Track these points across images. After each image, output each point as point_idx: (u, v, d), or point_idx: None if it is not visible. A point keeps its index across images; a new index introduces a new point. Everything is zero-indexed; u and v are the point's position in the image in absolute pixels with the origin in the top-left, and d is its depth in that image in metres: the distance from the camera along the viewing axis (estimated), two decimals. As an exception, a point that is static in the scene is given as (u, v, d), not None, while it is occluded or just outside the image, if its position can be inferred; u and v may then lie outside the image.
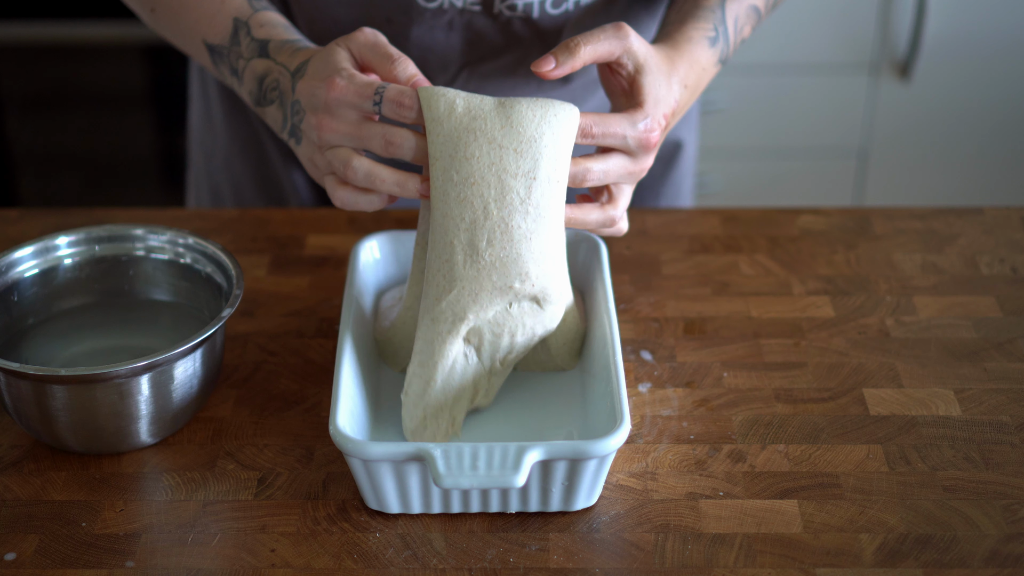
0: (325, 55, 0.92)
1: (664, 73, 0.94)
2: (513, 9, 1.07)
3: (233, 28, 1.00)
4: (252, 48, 0.99)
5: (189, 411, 0.93)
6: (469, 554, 0.84)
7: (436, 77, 1.12)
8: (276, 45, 0.98)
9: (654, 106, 0.92)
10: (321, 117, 0.90)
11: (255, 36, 0.99)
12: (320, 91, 0.90)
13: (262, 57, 0.98)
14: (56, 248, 0.99)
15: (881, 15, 2.19)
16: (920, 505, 0.87)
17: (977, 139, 2.31)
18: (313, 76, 0.91)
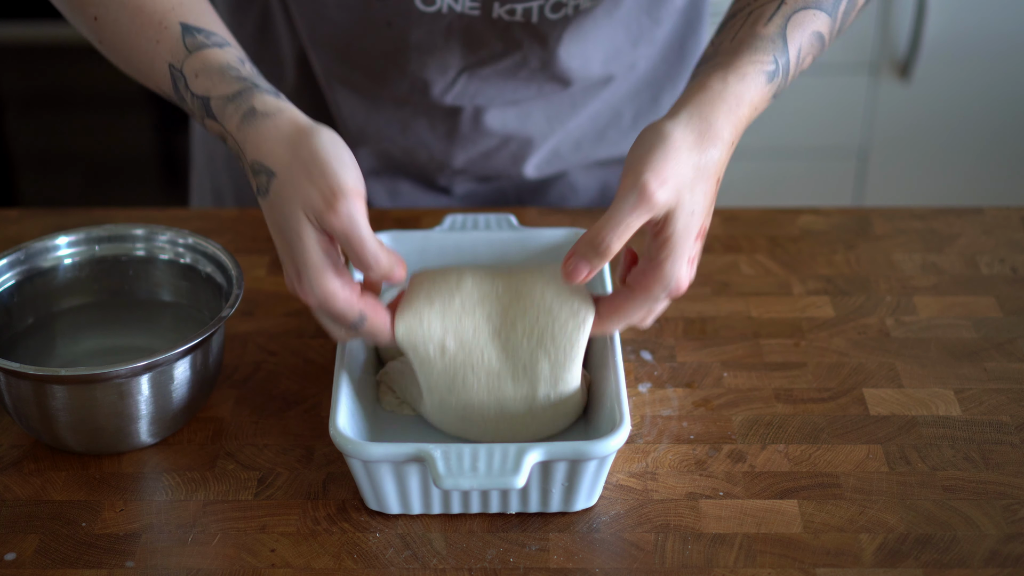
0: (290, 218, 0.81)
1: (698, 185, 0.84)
2: (512, 14, 1.06)
3: (171, 80, 0.89)
4: (198, 106, 0.88)
5: (189, 411, 0.93)
6: (469, 554, 0.84)
7: (435, 80, 1.12)
8: (217, 104, 0.86)
9: (679, 257, 0.84)
10: (296, 289, 0.84)
11: (194, 92, 0.87)
12: (289, 277, 0.84)
13: (211, 118, 0.87)
14: (56, 248, 0.99)
15: (881, 15, 2.19)
16: (920, 505, 0.87)
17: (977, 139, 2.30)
18: (279, 236, 0.83)
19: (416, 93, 1.14)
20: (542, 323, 0.87)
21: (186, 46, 0.88)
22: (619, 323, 0.87)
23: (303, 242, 0.82)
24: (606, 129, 1.22)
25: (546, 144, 1.20)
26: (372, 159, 1.21)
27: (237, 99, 0.85)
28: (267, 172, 0.83)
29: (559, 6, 1.06)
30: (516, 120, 1.17)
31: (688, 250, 0.84)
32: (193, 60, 0.87)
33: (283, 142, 0.83)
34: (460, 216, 1.05)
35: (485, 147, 1.19)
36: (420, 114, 1.16)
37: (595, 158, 1.24)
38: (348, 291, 0.83)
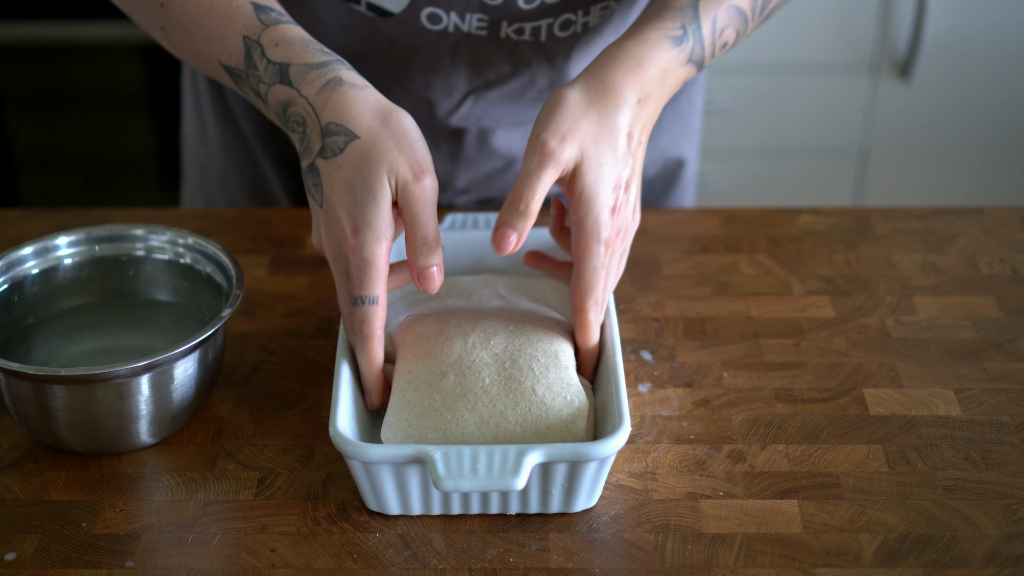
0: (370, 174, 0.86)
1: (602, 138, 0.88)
2: (521, 33, 1.06)
3: (245, 49, 0.92)
4: (271, 72, 0.91)
5: (189, 411, 0.93)
6: (469, 554, 0.84)
7: (440, 101, 1.12)
8: (298, 71, 0.90)
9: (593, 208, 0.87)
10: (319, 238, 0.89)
11: (272, 59, 0.90)
12: (334, 230, 0.87)
13: (283, 84, 0.90)
14: (56, 248, 0.99)
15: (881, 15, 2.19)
16: (920, 505, 0.87)
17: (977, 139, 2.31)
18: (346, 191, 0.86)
19: (420, 112, 1.13)
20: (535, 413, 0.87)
21: (261, 21, 0.92)
22: (581, 296, 0.89)
23: (377, 201, 0.86)
24: None
25: None
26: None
27: (322, 68, 0.89)
28: (347, 134, 0.87)
29: (568, 24, 1.06)
30: (521, 141, 1.17)
31: (606, 200, 0.87)
32: (272, 32, 0.91)
33: (371, 112, 0.88)
34: (460, 215, 1.05)
35: (489, 168, 1.19)
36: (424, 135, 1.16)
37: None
38: (387, 268, 0.87)
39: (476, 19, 1.04)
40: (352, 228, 0.86)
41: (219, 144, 1.27)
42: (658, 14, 0.93)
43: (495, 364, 0.88)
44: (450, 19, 1.04)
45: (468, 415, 0.86)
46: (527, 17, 1.04)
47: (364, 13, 1.05)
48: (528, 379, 0.87)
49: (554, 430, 0.86)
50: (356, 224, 0.86)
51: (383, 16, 1.05)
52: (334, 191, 0.87)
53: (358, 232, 0.86)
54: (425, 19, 1.04)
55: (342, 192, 0.87)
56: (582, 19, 1.06)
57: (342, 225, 0.87)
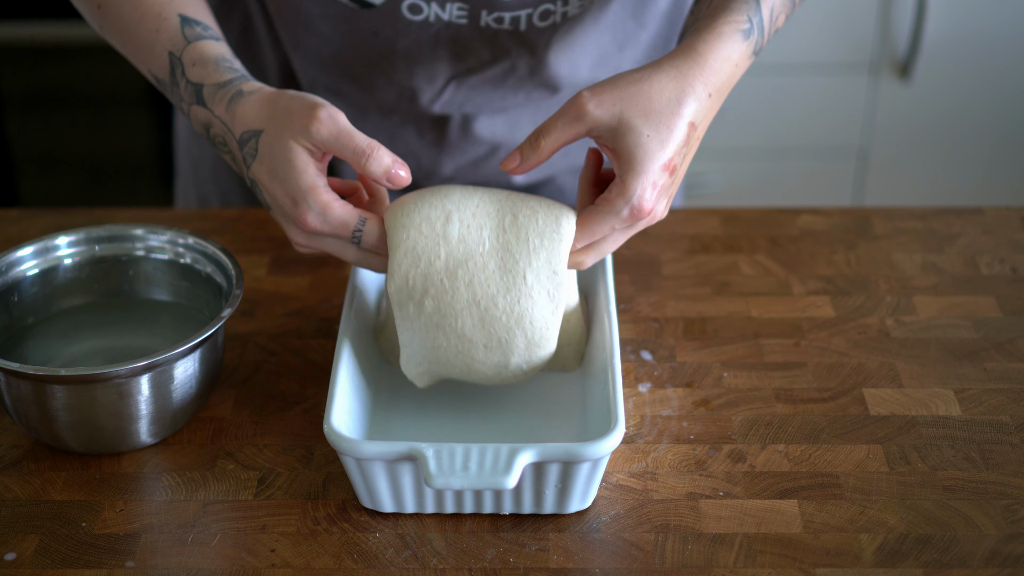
0: (280, 152, 0.88)
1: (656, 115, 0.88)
2: (500, 22, 1.06)
3: (170, 65, 0.94)
4: (190, 92, 0.93)
5: (189, 411, 0.93)
6: (469, 554, 0.84)
7: (423, 88, 1.12)
8: (209, 92, 0.92)
9: (639, 174, 0.87)
10: (294, 234, 0.90)
11: (189, 78, 0.93)
12: (289, 215, 0.89)
13: (200, 104, 0.93)
14: (56, 248, 0.99)
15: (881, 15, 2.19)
16: (920, 505, 0.87)
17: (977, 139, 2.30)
18: (272, 178, 0.89)
19: (404, 102, 1.13)
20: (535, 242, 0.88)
21: (185, 36, 0.94)
22: (584, 237, 0.89)
23: (295, 166, 0.87)
24: None
25: None
26: None
27: (227, 86, 0.92)
28: (254, 133, 0.89)
29: (547, 14, 1.06)
30: (505, 128, 1.17)
31: (651, 173, 0.87)
32: (191, 49, 0.94)
33: (264, 103, 0.90)
34: None
35: (474, 155, 1.19)
36: (408, 123, 1.16)
37: (582, 163, 1.24)
38: (343, 201, 0.89)
39: (456, 8, 1.05)
40: (292, 201, 0.88)
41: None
42: (726, 6, 0.93)
43: (497, 215, 0.89)
44: (431, 9, 1.05)
45: (464, 290, 0.87)
46: (507, 7, 1.05)
47: (347, 5, 1.05)
48: (522, 260, 0.88)
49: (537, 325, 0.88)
50: (293, 195, 0.88)
51: (365, 8, 1.05)
52: (270, 187, 0.89)
53: (298, 201, 0.88)
54: (406, 10, 1.05)
55: (271, 181, 0.89)
56: (561, 9, 1.06)
57: (288, 206, 0.89)
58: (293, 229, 0.90)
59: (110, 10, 0.97)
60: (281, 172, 0.88)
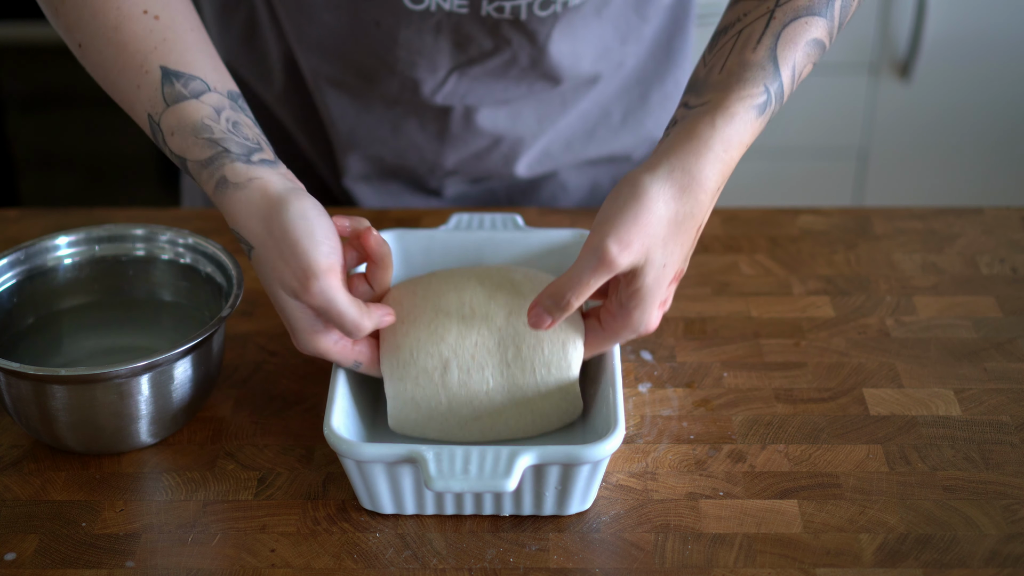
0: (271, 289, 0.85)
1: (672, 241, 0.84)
2: (501, 11, 1.06)
3: (151, 127, 0.89)
4: (177, 162, 0.89)
5: (189, 411, 0.93)
6: (469, 554, 0.84)
7: (425, 79, 1.12)
8: (194, 167, 0.87)
9: (649, 306, 0.85)
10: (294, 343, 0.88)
11: (171, 149, 0.88)
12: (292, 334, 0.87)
13: (190, 176, 0.89)
14: (56, 248, 0.99)
15: (881, 15, 2.19)
16: (920, 505, 0.87)
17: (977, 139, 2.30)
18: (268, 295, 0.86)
19: (406, 93, 1.13)
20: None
21: (164, 97, 0.88)
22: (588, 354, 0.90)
23: (286, 312, 0.86)
24: (596, 128, 1.22)
25: (537, 144, 1.20)
26: (362, 163, 1.21)
27: (210, 166, 0.86)
28: (245, 243, 0.86)
29: (548, 3, 1.06)
30: (507, 120, 1.17)
31: (659, 298, 0.85)
32: (169, 115, 0.87)
33: (255, 216, 0.84)
34: (466, 215, 1.04)
35: (476, 147, 1.19)
36: (411, 114, 1.16)
37: (585, 157, 1.24)
38: (340, 344, 0.87)
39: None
40: (290, 331, 0.87)
41: None
42: (740, 76, 0.86)
43: (498, 351, 0.88)
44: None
45: (473, 424, 0.88)
46: None
47: None
48: (531, 390, 0.88)
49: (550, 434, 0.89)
50: (290, 327, 0.87)
51: None
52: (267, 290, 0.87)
53: (294, 336, 0.87)
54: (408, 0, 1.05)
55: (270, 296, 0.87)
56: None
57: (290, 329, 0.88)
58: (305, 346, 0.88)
59: (91, 52, 0.91)
60: (275, 304, 0.86)
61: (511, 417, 0.88)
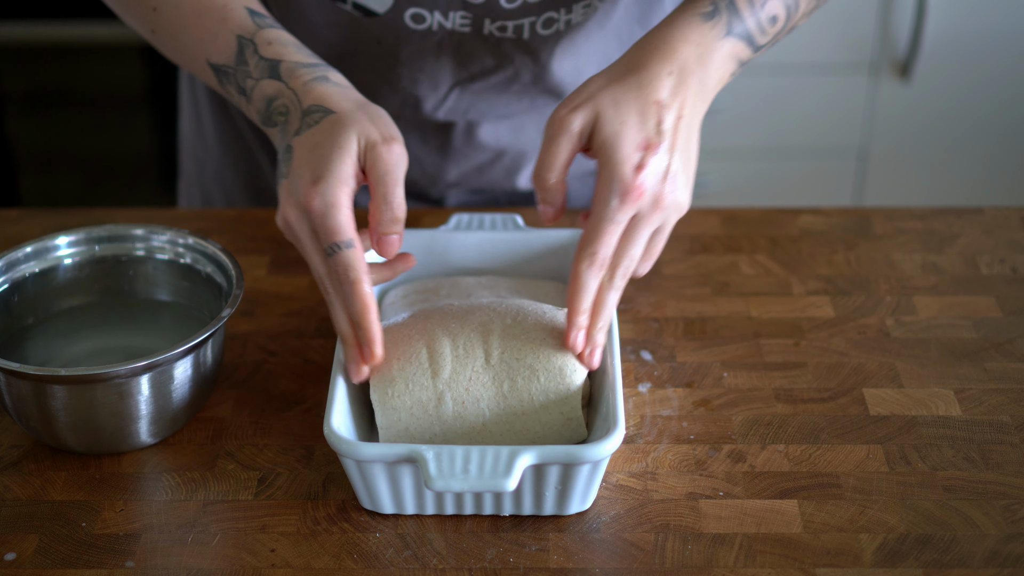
0: (339, 135, 0.86)
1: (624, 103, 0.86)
2: (503, 31, 1.06)
3: (238, 47, 0.94)
4: (262, 68, 0.92)
5: (189, 411, 0.93)
6: (469, 554, 0.84)
7: (427, 96, 1.12)
8: (288, 68, 0.91)
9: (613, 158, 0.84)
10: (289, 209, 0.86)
11: (263, 55, 0.93)
12: (299, 188, 0.85)
13: (273, 78, 0.91)
14: (56, 248, 0.99)
15: (881, 15, 2.19)
16: (920, 505, 0.87)
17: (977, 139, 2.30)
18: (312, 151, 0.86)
19: (408, 109, 1.13)
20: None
21: (255, 23, 0.94)
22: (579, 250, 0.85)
23: (341, 152, 0.85)
24: None
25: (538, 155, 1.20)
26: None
27: (312, 67, 0.91)
28: (324, 111, 0.88)
29: (551, 22, 1.06)
30: (509, 134, 1.17)
31: (627, 154, 0.84)
32: (266, 32, 0.94)
33: (352, 99, 0.89)
34: (466, 216, 1.04)
35: (478, 161, 1.19)
36: (412, 129, 1.16)
37: (587, 168, 1.24)
38: (352, 215, 0.85)
39: (459, 16, 1.05)
40: (313, 178, 0.85)
41: (216, 138, 1.27)
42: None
43: (493, 385, 0.87)
44: (433, 18, 1.05)
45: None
46: (510, 15, 1.05)
47: (350, 12, 1.05)
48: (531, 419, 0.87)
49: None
50: (317, 174, 0.85)
51: (368, 16, 1.05)
52: (301, 154, 0.86)
53: (319, 180, 0.84)
54: (409, 19, 1.05)
55: (308, 153, 0.86)
56: (564, 17, 1.06)
57: (304, 180, 0.85)
58: (291, 203, 0.86)
59: (167, 9, 0.97)
60: (325, 150, 0.85)
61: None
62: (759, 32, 0.92)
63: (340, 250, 0.84)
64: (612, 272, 0.86)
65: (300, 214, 0.85)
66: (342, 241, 0.84)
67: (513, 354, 0.88)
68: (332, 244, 0.84)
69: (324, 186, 0.84)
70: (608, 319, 0.87)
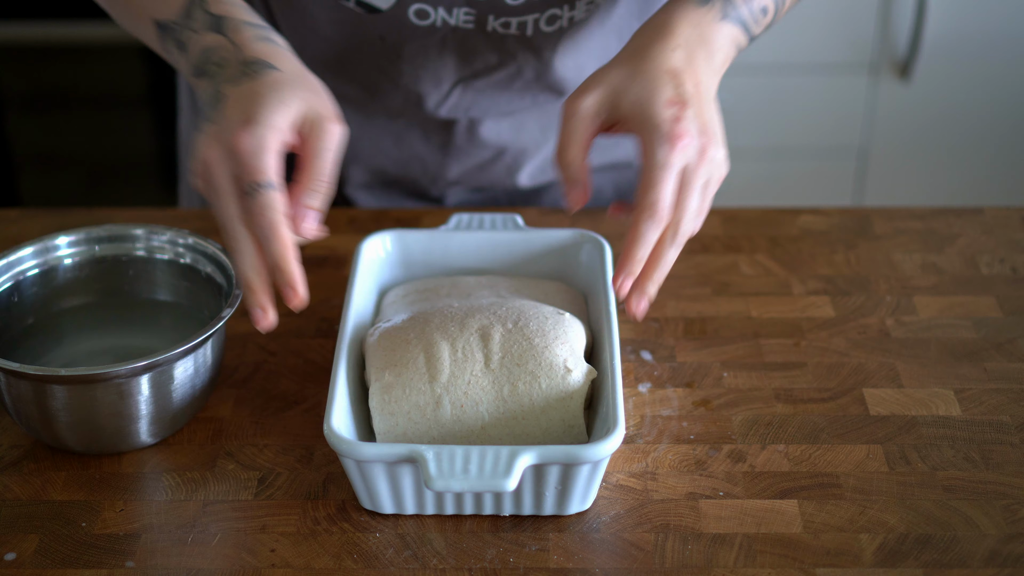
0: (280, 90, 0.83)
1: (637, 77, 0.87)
2: (507, 27, 1.06)
3: (188, 4, 0.91)
4: (206, 22, 0.89)
5: (189, 411, 0.93)
6: (469, 554, 0.84)
7: (429, 93, 1.12)
8: (234, 24, 0.89)
9: (650, 108, 0.85)
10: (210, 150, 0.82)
11: (211, 11, 0.90)
12: (228, 128, 0.81)
13: (215, 32, 0.88)
14: (56, 248, 0.99)
15: (881, 15, 2.19)
16: (920, 505, 0.87)
17: (977, 139, 2.31)
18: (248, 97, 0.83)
19: (410, 106, 1.13)
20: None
21: None
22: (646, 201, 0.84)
23: (280, 108, 0.82)
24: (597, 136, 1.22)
25: (540, 153, 1.20)
26: (364, 174, 1.21)
27: (258, 28, 0.88)
28: (268, 66, 0.84)
29: (554, 18, 1.06)
30: (511, 131, 1.17)
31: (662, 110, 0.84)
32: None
33: (295, 63, 0.87)
34: (466, 216, 1.04)
35: (480, 159, 1.19)
36: (414, 127, 1.16)
37: (597, 163, 1.24)
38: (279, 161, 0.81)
39: (463, 13, 1.05)
40: (244, 120, 0.81)
41: None
42: None
43: (493, 389, 0.87)
44: (437, 14, 1.05)
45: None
46: (513, 12, 1.05)
47: (353, 9, 1.05)
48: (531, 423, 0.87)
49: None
50: (250, 116, 0.81)
51: (371, 12, 1.05)
52: (235, 100, 0.83)
53: (251, 122, 0.81)
54: (413, 15, 1.05)
55: (243, 99, 0.82)
56: (568, 13, 1.06)
57: (235, 122, 0.81)
58: (215, 144, 0.82)
59: None
60: (263, 99, 0.82)
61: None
62: (752, 21, 0.93)
63: (261, 189, 0.80)
64: (675, 228, 0.86)
65: (224, 155, 0.81)
66: (264, 181, 0.80)
67: (514, 359, 0.88)
68: (253, 183, 0.80)
69: (256, 127, 0.80)
70: (664, 274, 0.86)
